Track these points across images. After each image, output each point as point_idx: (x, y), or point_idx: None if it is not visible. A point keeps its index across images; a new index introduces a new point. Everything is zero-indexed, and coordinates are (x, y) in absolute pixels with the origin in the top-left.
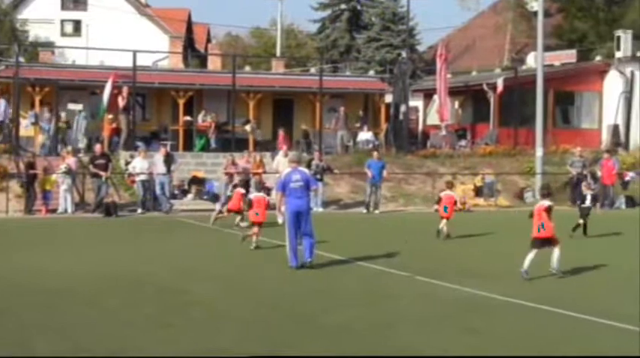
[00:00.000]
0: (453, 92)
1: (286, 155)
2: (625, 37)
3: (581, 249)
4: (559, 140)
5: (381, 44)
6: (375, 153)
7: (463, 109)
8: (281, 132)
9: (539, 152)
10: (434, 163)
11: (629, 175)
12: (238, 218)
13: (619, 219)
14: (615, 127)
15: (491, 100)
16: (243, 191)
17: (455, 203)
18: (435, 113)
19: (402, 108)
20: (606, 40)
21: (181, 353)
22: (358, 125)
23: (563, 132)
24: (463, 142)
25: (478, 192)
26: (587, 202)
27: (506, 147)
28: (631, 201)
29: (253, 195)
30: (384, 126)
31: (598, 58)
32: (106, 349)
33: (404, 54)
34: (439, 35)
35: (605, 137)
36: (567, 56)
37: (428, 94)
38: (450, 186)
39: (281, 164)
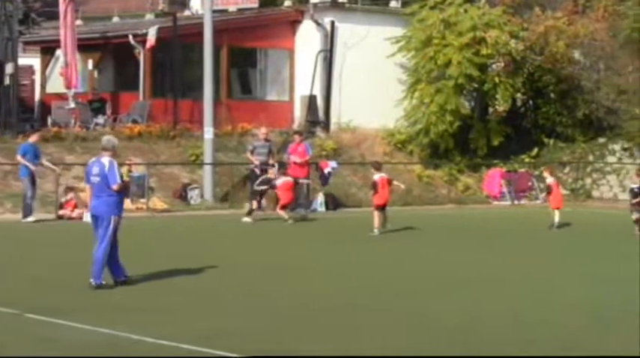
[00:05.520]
0: (86, 47)
1: None
2: None
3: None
4: (237, 117)
5: None
6: None
7: (100, 71)
8: None
9: (208, 133)
10: (58, 149)
11: (330, 165)
12: None
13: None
14: (312, 99)
15: (141, 59)
16: None
17: (390, 183)
18: (58, 76)
19: (9, 68)
20: None
21: None
22: None
23: (242, 106)
24: (101, 119)
25: None
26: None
27: (162, 127)
28: (333, 201)
29: None
30: None
31: (287, 2)
32: None
33: None
34: None
35: (300, 113)
36: None
37: (48, 49)
38: (378, 166)
39: None
